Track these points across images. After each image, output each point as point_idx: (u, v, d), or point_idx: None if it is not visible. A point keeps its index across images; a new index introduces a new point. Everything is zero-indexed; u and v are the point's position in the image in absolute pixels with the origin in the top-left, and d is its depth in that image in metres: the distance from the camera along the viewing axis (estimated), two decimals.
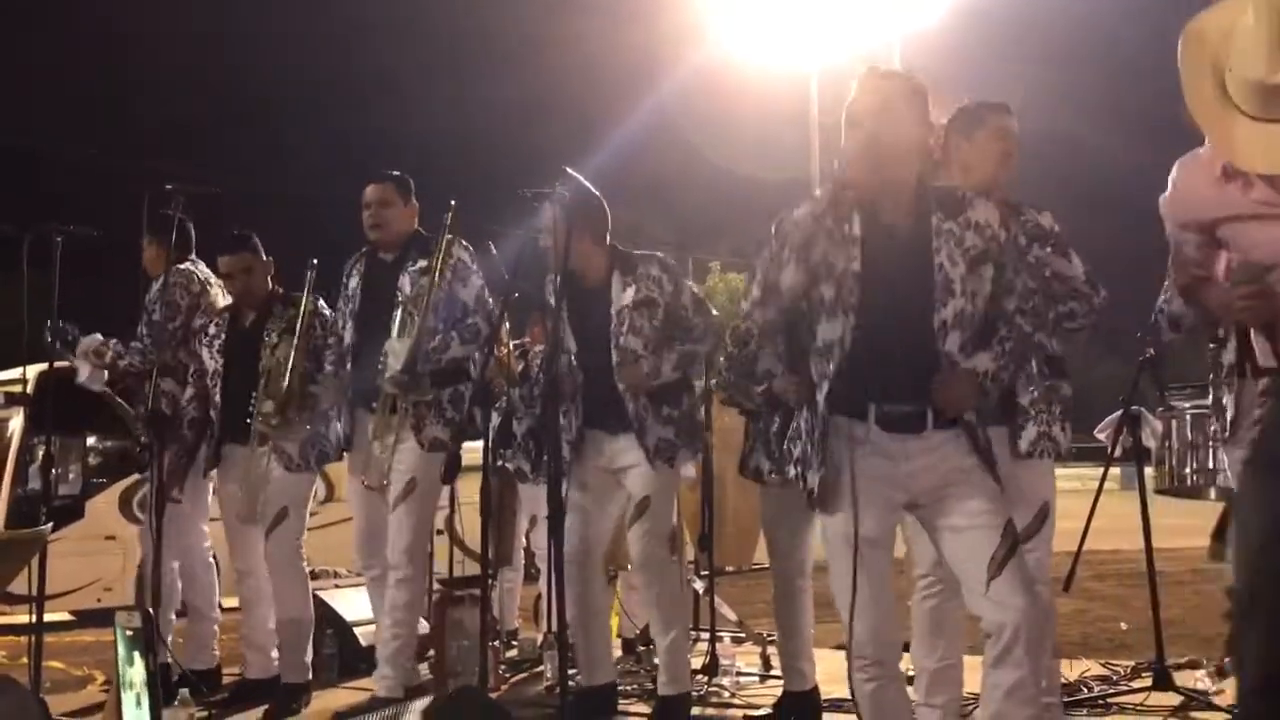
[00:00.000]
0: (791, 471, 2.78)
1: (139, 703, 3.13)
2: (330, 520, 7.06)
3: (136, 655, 3.16)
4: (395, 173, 4.34)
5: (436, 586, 5.66)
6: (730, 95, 19.21)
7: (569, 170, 3.75)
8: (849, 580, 2.55)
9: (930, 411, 2.58)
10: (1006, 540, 2.54)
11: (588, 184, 3.77)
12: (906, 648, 3.10)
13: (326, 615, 5.01)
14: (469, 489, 4.40)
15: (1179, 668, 4.30)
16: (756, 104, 18.70)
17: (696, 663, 4.59)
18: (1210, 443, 4.42)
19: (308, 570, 4.60)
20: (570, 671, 3.85)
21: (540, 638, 5.29)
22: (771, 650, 4.74)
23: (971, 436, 2.63)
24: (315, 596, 4.79)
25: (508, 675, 4.89)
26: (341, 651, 4.96)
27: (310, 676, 4.51)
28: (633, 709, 4.21)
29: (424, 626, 5.17)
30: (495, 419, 5.09)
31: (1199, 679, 4.20)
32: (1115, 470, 4.81)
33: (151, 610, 3.96)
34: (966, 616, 3.43)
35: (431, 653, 4.85)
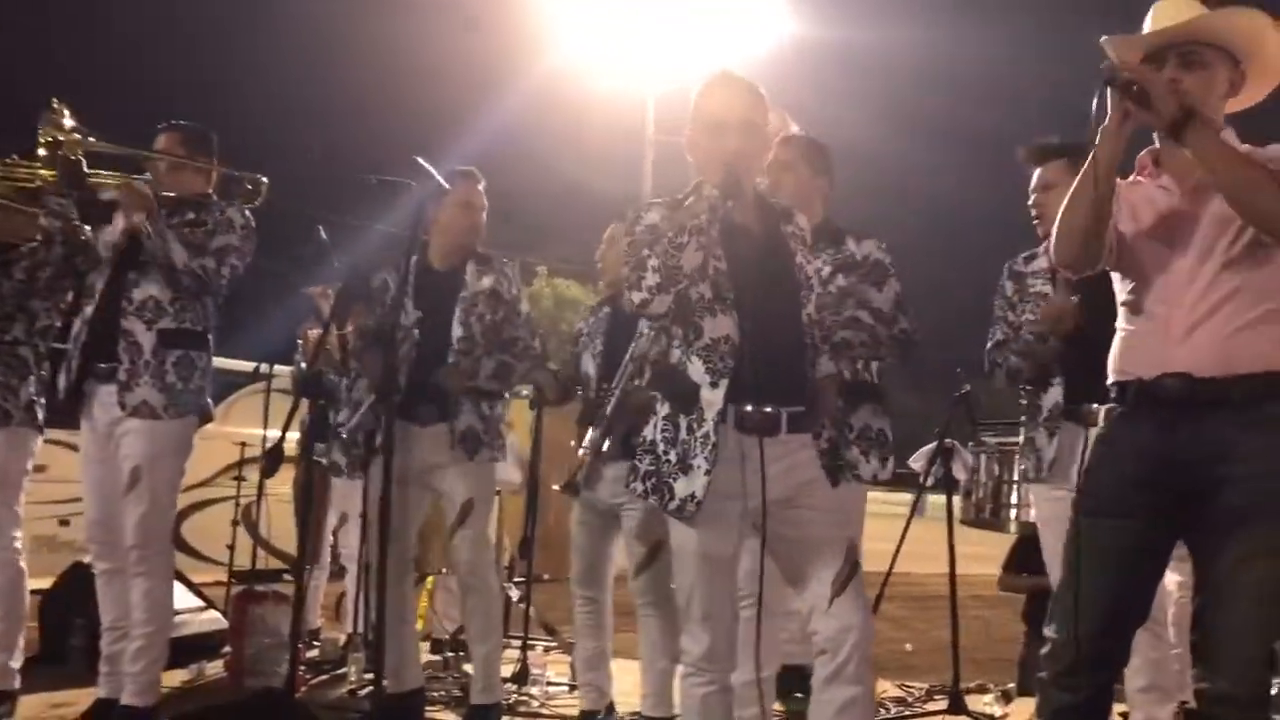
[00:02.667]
0: (639, 487, 2.59)
1: None
2: None
3: None
4: (185, 124, 3.90)
5: (235, 582, 5.41)
6: (570, 109, 19.54)
7: (419, 160, 3.63)
8: (700, 592, 2.54)
9: (785, 414, 2.56)
10: (850, 558, 2.57)
11: (437, 174, 3.67)
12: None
13: (74, 602, 4.56)
14: (277, 481, 4.12)
15: (969, 691, 4.50)
16: (595, 119, 19.07)
17: (507, 670, 4.53)
18: (1015, 480, 4.69)
19: (22, 562, 3.86)
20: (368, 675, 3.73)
21: (343, 638, 5.12)
22: None
23: (822, 445, 2.62)
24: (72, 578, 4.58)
25: (308, 676, 4.69)
26: (92, 645, 4.21)
27: (17, 684, 3.85)
28: (440, 716, 4.12)
29: (221, 621, 4.93)
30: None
31: (987, 703, 4.43)
32: (908, 496, 4.99)
33: None
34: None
35: (228, 649, 4.63)
